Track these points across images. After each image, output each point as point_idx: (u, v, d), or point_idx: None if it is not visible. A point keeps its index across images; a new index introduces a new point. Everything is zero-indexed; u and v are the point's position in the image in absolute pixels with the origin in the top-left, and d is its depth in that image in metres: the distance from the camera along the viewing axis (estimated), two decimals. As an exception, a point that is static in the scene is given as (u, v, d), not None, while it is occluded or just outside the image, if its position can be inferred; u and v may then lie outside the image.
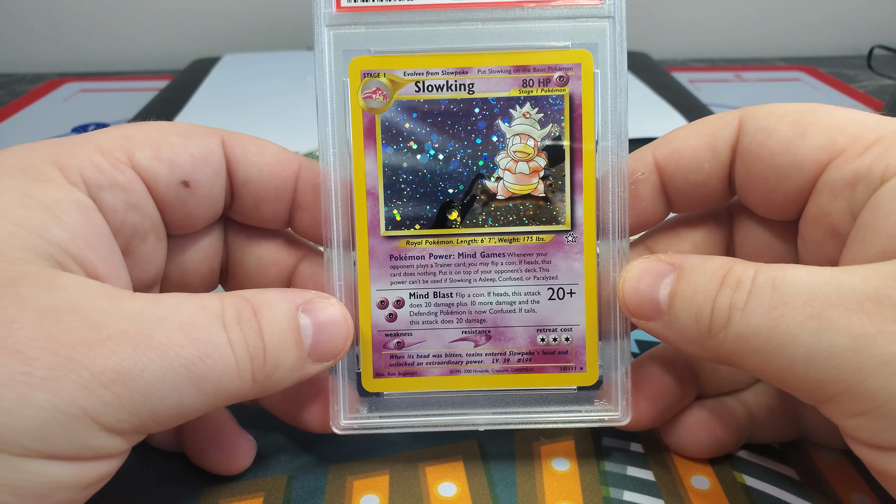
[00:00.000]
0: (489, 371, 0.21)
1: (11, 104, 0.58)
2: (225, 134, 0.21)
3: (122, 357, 0.15)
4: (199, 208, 0.20)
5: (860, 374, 0.15)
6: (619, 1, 0.20)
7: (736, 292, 0.17)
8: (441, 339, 0.21)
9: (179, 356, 0.16)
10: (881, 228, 0.17)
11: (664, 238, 0.22)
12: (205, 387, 0.16)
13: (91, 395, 0.15)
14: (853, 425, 0.16)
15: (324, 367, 0.19)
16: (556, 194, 0.20)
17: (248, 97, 0.53)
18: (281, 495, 0.21)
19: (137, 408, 0.15)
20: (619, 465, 0.22)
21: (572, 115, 0.20)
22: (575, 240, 0.21)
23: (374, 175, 0.20)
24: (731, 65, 0.69)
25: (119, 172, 0.19)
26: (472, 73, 0.20)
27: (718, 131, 0.20)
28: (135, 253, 0.20)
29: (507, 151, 0.20)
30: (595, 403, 0.21)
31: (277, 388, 0.18)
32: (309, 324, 0.18)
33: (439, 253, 0.21)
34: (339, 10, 0.20)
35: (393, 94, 0.20)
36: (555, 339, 0.21)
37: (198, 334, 0.16)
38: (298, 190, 0.21)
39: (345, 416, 0.21)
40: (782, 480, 0.22)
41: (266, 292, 0.18)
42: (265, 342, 0.17)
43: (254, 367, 0.17)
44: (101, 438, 0.15)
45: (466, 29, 0.20)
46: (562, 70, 0.20)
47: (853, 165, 0.18)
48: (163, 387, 0.15)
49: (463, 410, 0.21)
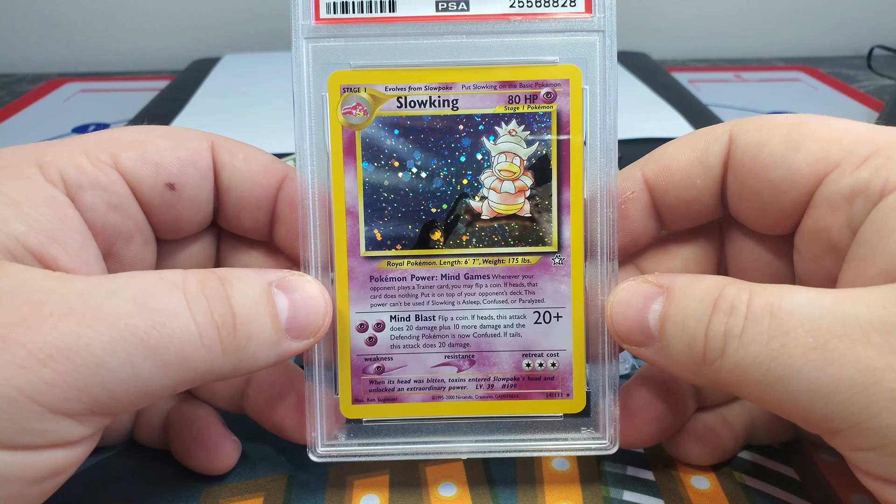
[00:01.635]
0: (472, 397, 0.20)
1: (11, 104, 0.58)
2: (215, 138, 0.20)
3: (64, 332, 0.14)
4: (186, 212, 0.20)
5: (870, 409, 0.14)
6: (610, 14, 0.19)
7: (731, 318, 0.16)
8: (423, 363, 0.20)
9: (129, 325, 0.15)
10: (883, 246, 0.16)
11: (653, 255, 0.21)
12: (164, 357, 0.15)
13: (28, 373, 0.14)
14: (862, 458, 0.15)
15: (305, 346, 0.18)
16: (543, 214, 0.20)
17: (248, 97, 0.53)
18: (281, 495, 0.21)
19: (86, 384, 0.14)
20: (619, 465, 0.22)
21: (560, 132, 0.19)
22: (562, 261, 0.20)
23: (354, 193, 0.19)
24: (731, 65, 0.68)
25: (101, 173, 0.18)
26: (457, 88, 0.19)
27: (709, 146, 0.19)
28: (119, 254, 0.19)
29: (492, 170, 0.19)
30: (582, 431, 0.20)
31: (256, 363, 0.17)
32: (284, 299, 0.17)
33: (422, 274, 0.20)
34: (317, 22, 0.19)
35: (374, 109, 0.19)
36: (541, 364, 0.20)
37: (151, 303, 0.15)
38: (278, 201, 0.21)
39: (322, 443, 0.20)
40: (782, 480, 0.21)
41: (236, 269, 0.17)
42: (234, 311, 0.16)
43: (221, 336, 0.16)
44: (46, 422, 0.14)
45: (450, 42, 0.19)
46: (549, 86, 0.19)
47: (850, 179, 0.17)
48: (113, 360, 0.14)
49: (445, 438, 0.20)
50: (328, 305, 0.18)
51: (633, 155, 0.22)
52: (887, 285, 0.15)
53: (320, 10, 0.19)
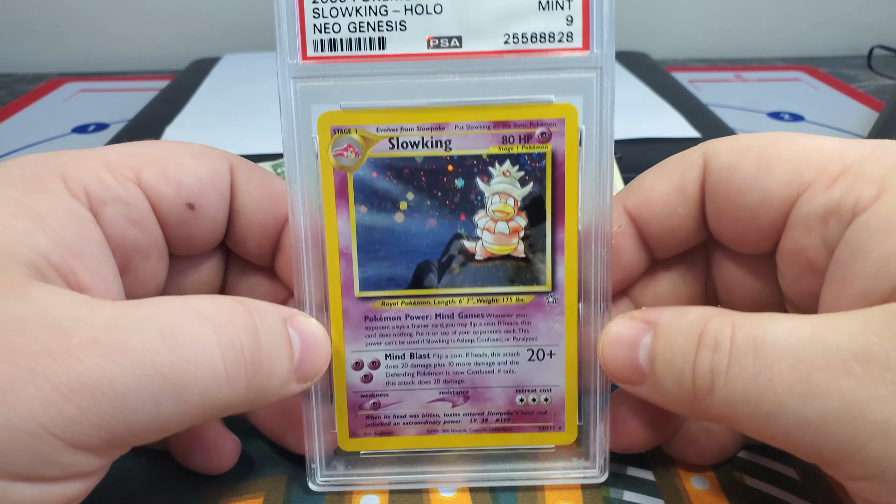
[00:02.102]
0: (467, 430, 0.21)
1: (11, 104, 0.57)
2: (235, 160, 0.21)
3: (90, 366, 0.14)
4: (202, 231, 0.20)
5: (856, 441, 0.15)
6: (608, 50, 0.19)
7: (715, 354, 0.16)
8: (418, 399, 0.20)
9: (155, 362, 0.14)
10: (860, 268, 0.16)
11: (641, 282, 0.22)
12: (186, 396, 0.15)
13: (51, 408, 0.14)
14: (858, 487, 0.15)
15: (305, 388, 0.18)
16: (537, 255, 0.20)
17: (248, 97, 0.53)
18: (281, 495, 0.21)
19: (108, 421, 0.14)
20: (620, 466, 0.22)
21: (555, 173, 0.19)
22: (556, 301, 0.20)
23: (347, 235, 0.19)
24: (731, 65, 0.67)
25: (123, 188, 0.19)
26: (450, 128, 0.19)
27: (685, 173, 0.20)
28: (136, 270, 0.20)
29: (485, 210, 0.19)
30: (572, 461, 0.21)
31: (266, 402, 0.17)
32: (297, 338, 0.18)
33: (416, 314, 0.20)
34: (305, 61, 0.19)
35: (365, 151, 0.19)
36: (534, 399, 0.20)
37: (178, 338, 0.15)
38: (284, 231, 0.21)
39: (321, 473, 0.21)
40: (782, 480, 0.21)
41: (256, 301, 0.17)
42: (261, 346, 0.16)
43: (247, 374, 0.16)
44: (66, 456, 0.14)
45: (443, 82, 0.19)
46: (544, 126, 0.19)
47: (822, 199, 0.17)
48: (136, 398, 0.14)
49: (440, 468, 0.21)
50: (329, 353, 0.19)
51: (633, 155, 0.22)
52: (865, 310, 0.15)
53: (307, 48, 0.18)
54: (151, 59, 0.67)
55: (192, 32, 0.67)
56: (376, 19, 0.18)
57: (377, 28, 0.18)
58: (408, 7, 0.18)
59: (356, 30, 0.18)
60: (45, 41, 0.67)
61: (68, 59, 0.68)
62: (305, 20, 0.18)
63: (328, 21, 0.18)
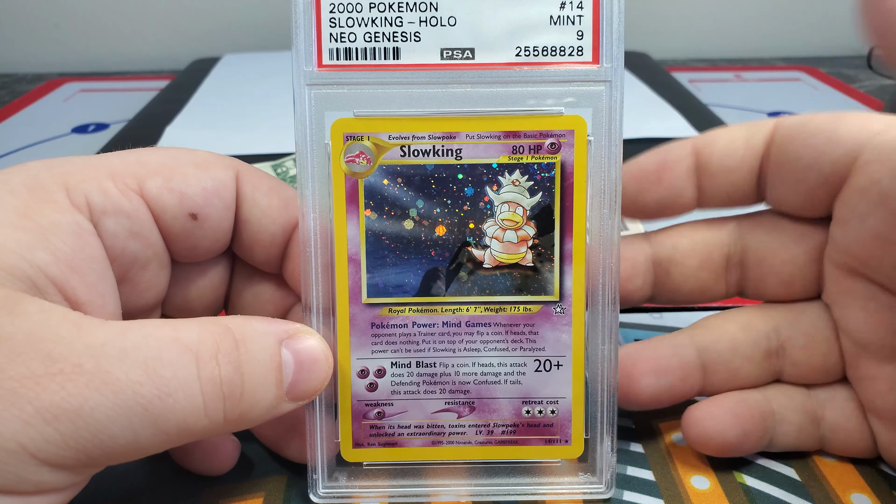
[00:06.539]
0: (472, 442, 0.20)
1: (11, 104, 0.57)
2: (241, 167, 0.20)
3: (72, 393, 0.14)
4: (206, 240, 0.20)
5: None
6: (617, 64, 0.19)
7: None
8: (423, 409, 0.20)
9: (136, 394, 0.15)
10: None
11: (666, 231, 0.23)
12: (164, 426, 0.15)
13: (32, 430, 0.14)
14: None
15: (298, 406, 0.18)
16: (545, 264, 0.20)
17: (248, 97, 0.53)
18: (281, 495, 0.21)
19: (84, 445, 0.15)
20: (620, 466, 0.22)
21: (563, 183, 0.19)
22: (563, 311, 0.20)
23: (357, 241, 0.19)
24: (731, 65, 0.68)
25: (126, 199, 0.18)
26: (460, 137, 0.19)
27: (755, 127, 0.21)
28: (134, 280, 0.19)
29: (494, 219, 0.19)
30: (579, 476, 0.21)
31: (248, 426, 0.17)
32: (291, 360, 0.17)
33: (423, 321, 0.20)
34: (320, 69, 0.19)
35: (377, 158, 0.19)
36: (540, 411, 0.20)
37: (161, 370, 0.15)
38: (292, 239, 0.21)
39: (323, 484, 0.20)
40: (782, 480, 0.21)
41: (251, 321, 0.17)
42: (244, 380, 0.16)
43: (226, 407, 0.16)
44: (41, 474, 0.15)
45: (455, 92, 0.19)
46: (554, 137, 0.19)
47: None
48: (115, 427, 0.15)
49: (445, 481, 0.21)
50: (329, 370, 0.18)
51: (633, 155, 0.22)
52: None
53: (323, 56, 0.19)
54: (151, 59, 0.67)
55: (192, 32, 0.67)
56: (391, 30, 0.18)
57: (392, 38, 0.18)
58: (422, 19, 0.18)
59: (371, 39, 0.18)
60: (44, 41, 0.67)
61: (68, 59, 0.67)
62: (322, 29, 0.18)
63: (344, 30, 0.18)
